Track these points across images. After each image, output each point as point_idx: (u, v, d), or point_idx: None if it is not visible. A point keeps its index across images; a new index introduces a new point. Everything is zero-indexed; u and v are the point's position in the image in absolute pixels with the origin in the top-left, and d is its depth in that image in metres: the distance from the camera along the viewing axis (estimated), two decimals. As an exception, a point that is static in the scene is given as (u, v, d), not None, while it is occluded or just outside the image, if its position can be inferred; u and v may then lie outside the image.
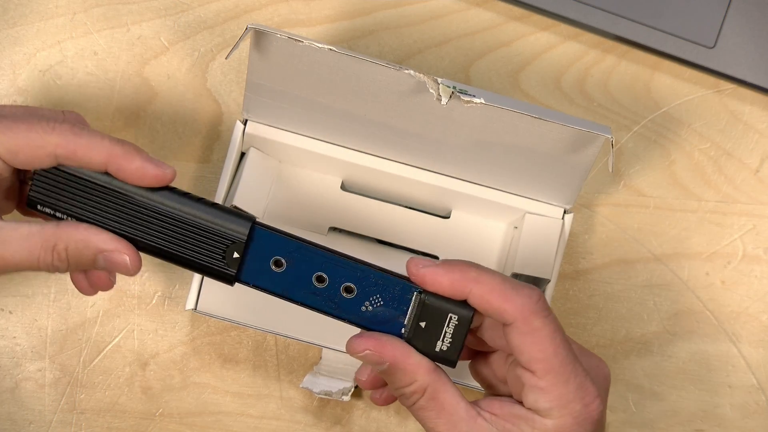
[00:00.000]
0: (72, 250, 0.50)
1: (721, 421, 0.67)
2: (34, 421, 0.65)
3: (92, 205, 0.51)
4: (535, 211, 0.63)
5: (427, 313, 0.51)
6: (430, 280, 0.50)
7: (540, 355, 0.50)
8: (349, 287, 0.51)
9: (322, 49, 0.55)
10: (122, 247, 0.51)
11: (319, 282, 0.51)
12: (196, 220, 0.51)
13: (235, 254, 0.51)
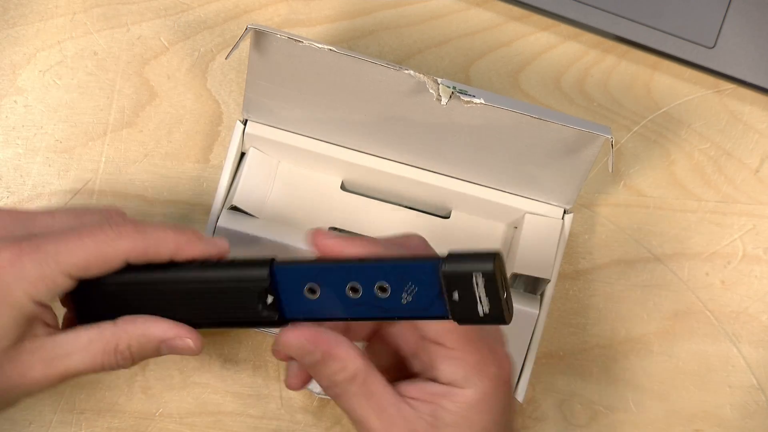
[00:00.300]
0: (135, 346, 0.51)
1: (721, 421, 0.67)
2: (34, 421, 0.65)
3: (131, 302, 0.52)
4: (535, 211, 0.63)
5: (454, 283, 0.48)
6: (338, 251, 0.51)
7: (448, 325, 0.49)
8: (382, 286, 0.50)
9: (322, 49, 0.55)
10: (183, 332, 0.52)
11: (354, 293, 0.50)
12: (221, 284, 0.51)
13: (269, 299, 0.51)
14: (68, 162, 0.66)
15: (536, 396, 0.67)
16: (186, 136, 0.67)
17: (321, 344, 0.51)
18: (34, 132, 0.66)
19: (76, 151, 0.66)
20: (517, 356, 0.61)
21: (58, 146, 0.66)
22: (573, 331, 0.67)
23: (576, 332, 0.67)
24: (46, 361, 0.51)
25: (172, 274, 0.51)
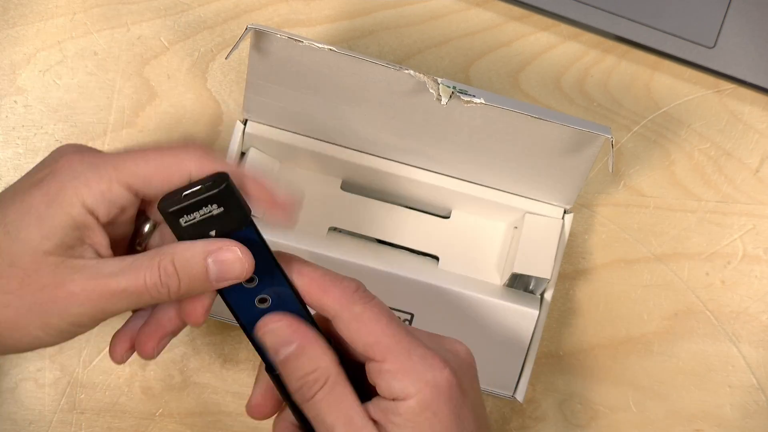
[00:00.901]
0: (179, 261, 0.48)
1: (721, 421, 0.67)
2: (34, 421, 0.65)
3: None
4: (535, 211, 0.63)
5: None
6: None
7: (371, 339, 0.49)
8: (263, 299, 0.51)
9: (322, 49, 0.55)
10: (229, 242, 0.49)
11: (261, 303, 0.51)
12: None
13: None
14: (68, 162, 0.66)
15: (536, 396, 0.67)
16: (186, 136, 0.67)
17: (299, 335, 0.49)
18: (34, 132, 0.66)
19: (76, 151, 0.66)
20: (517, 356, 0.62)
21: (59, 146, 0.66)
22: (573, 331, 0.67)
23: (576, 332, 0.67)
24: (87, 277, 0.47)
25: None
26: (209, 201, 0.48)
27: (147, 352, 0.52)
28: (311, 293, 0.50)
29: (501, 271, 0.64)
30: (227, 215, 0.49)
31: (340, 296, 0.49)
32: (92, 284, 0.47)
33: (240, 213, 0.49)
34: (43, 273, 0.47)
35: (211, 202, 0.48)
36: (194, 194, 0.48)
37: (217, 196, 0.48)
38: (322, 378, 0.49)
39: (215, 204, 0.48)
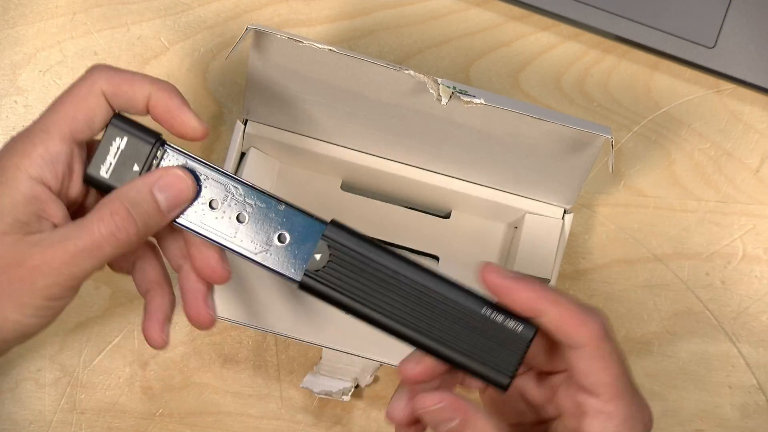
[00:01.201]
0: (127, 202, 0.48)
1: (721, 421, 0.67)
2: (34, 421, 0.65)
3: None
4: (535, 211, 0.63)
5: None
6: (506, 293, 0.48)
7: (608, 380, 0.48)
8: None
9: (322, 49, 0.55)
10: (165, 169, 0.49)
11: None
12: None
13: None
14: (68, 162, 0.66)
15: (536, 396, 0.67)
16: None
17: (460, 411, 0.48)
18: (34, 132, 0.66)
19: (76, 151, 0.66)
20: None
21: (58, 146, 0.66)
22: (573, 331, 0.67)
23: (576, 332, 0.67)
24: (45, 248, 0.47)
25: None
26: (110, 139, 0.49)
27: (157, 342, 0.52)
28: (564, 324, 0.48)
29: (501, 271, 0.64)
30: (134, 141, 0.49)
31: (594, 330, 0.48)
32: (50, 253, 0.47)
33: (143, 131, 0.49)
34: (2, 254, 0.47)
35: (111, 140, 0.49)
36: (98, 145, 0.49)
37: (111, 130, 0.49)
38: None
39: (117, 138, 0.49)
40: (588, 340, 0.48)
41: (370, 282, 0.49)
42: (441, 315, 0.48)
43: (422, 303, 0.48)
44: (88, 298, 0.65)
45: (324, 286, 0.49)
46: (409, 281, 0.49)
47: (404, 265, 0.49)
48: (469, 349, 0.48)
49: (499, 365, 0.48)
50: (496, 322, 0.48)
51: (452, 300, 0.49)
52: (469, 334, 0.48)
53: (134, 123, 0.50)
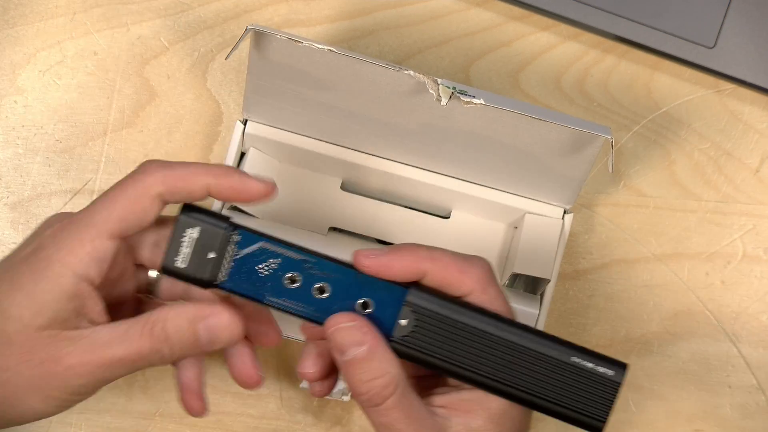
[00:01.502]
0: (171, 328, 0.49)
1: (721, 421, 0.67)
2: (34, 421, 0.65)
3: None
4: (535, 211, 0.63)
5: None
6: (384, 269, 0.49)
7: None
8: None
9: (322, 49, 0.55)
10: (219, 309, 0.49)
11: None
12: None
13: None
14: (68, 162, 0.66)
15: (536, 396, 0.67)
16: (186, 136, 0.67)
17: (370, 337, 0.49)
18: (34, 132, 0.66)
19: (76, 151, 0.66)
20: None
21: (58, 146, 0.66)
22: (573, 331, 0.67)
23: (576, 332, 0.67)
24: (83, 350, 0.48)
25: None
26: (181, 230, 0.49)
27: (199, 411, 0.53)
28: (447, 276, 0.49)
29: (501, 271, 0.64)
30: (207, 229, 0.49)
31: (478, 276, 0.50)
32: (89, 357, 0.48)
33: (213, 217, 0.50)
34: (39, 349, 0.48)
35: (183, 231, 0.49)
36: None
37: (182, 221, 0.49)
38: (392, 383, 0.48)
39: (188, 229, 0.49)
40: (473, 286, 0.49)
41: (458, 341, 0.49)
42: (529, 366, 0.49)
43: (511, 356, 0.49)
44: (88, 298, 0.65)
45: (413, 350, 0.50)
46: (495, 337, 0.49)
47: (489, 321, 0.49)
48: (562, 399, 0.49)
49: (591, 412, 0.49)
50: (585, 368, 0.49)
51: (540, 351, 0.49)
52: (560, 382, 0.49)
53: (203, 211, 0.50)
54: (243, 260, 0.50)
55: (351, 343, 0.48)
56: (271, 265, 0.50)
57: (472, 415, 0.49)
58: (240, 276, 0.50)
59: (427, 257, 0.49)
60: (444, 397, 0.50)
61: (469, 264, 0.50)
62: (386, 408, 0.48)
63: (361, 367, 0.48)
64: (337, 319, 0.49)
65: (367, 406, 0.49)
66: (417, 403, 0.49)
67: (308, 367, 0.52)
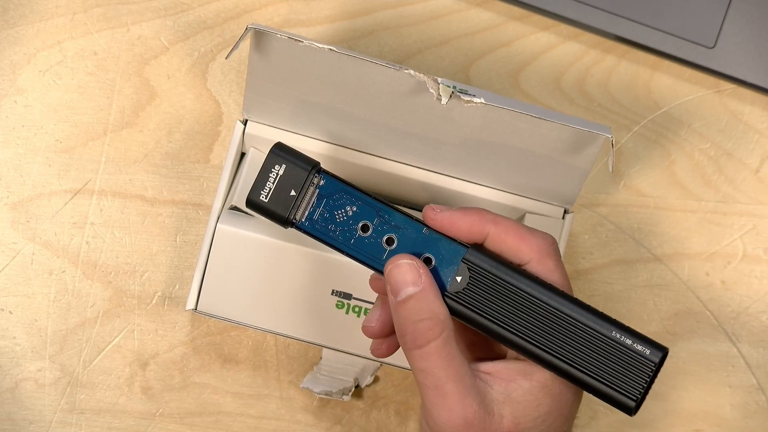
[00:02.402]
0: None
1: (721, 421, 0.67)
2: (34, 421, 0.65)
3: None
4: (536, 210, 0.63)
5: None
6: (448, 224, 0.51)
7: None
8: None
9: (322, 49, 0.55)
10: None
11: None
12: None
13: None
14: (68, 162, 0.66)
15: (536, 396, 0.67)
16: (186, 136, 0.67)
17: (426, 276, 0.50)
18: (34, 132, 0.66)
19: (76, 151, 0.66)
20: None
21: (58, 146, 0.66)
22: (573, 331, 0.67)
23: (576, 332, 0.67)
24: None
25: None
26: (269, 166, 0.52)
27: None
28: (508, 240, 0.51)
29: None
30: (292, 168, 0.52)
31: (537, 246, 0.51)
32: None
33: (301, 159, 0.52)
34: None
35: (271, 167, 0.52)
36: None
37: (271, 158, 0.52)
38: (437, 328, 0.50)
39: (276, 165, 0.52)
40: (532, 255, 0.51)
41: (507, 304, 0.51)
42: (572, 337, 0.50)
43: (555, 325, 0.50)
44: (87, 298, 0.65)
45: (463, 307, 0.51)
46: (543, 304, 0.50)
47: (539, 288, 0.51)
48: (598, 372, 0.50)
49: (625, 389, 0.50)
50: (625, 344, 0.50)
51: (583, 323, 0.50)
52: (599, 356, 0.50)
53: (293, 151, 0.53)
54: (322, 203, 0.52)
55: (406, 282, 0.50)
56: (347, 212, 0.52)
57: (513, 384, 0.50)
58: (317, 219, 0.52)
59: (491, 220, 0.51)
60: (489, 364, 0.51)
61: (531, 234, 0.51)
62: (428, 351, 0.49)
63: (411, 307, 0.50)
64: (398, 257, 0.51)
65: (410, 347, 0.50)
66: (460, 358, 0.50)
67: (371, 321, 0.54)
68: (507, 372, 0.51)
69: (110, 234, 0.66)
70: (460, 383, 0.49)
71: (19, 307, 0.65)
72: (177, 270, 0.66)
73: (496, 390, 0.50)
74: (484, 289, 0.51)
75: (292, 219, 0.52)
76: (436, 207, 0.52)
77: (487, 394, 0.50)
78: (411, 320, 0.50)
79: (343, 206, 0.52)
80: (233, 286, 0.61)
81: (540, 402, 0.50)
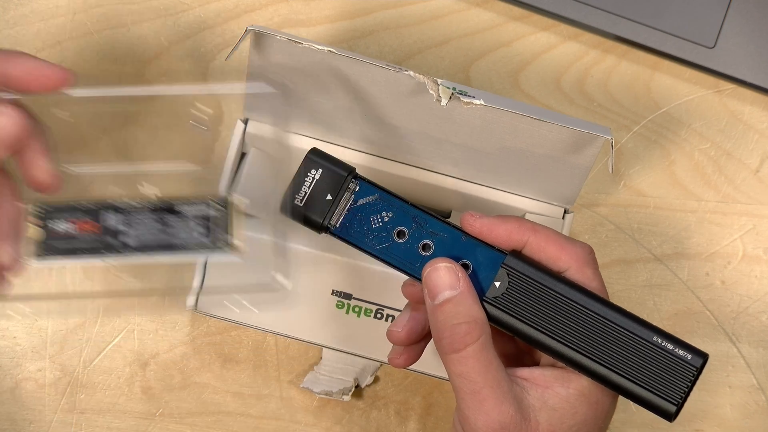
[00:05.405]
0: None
1: (721, 421, 0.67)
2: (34, 421, 0.65)
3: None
4: (536, 211, 0.63)
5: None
6: (487, 231, 0.51)
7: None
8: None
9: (322, 50, 0.55)
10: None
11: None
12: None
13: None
14: (68, 162, 0.66)
15: (536, 396, 0.67)
16: (186, 136, 0.67)
17: (465, 280, 0.50)
18: (34, 132, 0.66)
19: (76, 151, 0.66)
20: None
21: (58, 146, 0.66)
22: (573, 331, 0.67)
23: (576, 332, 0.67)
24: None
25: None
26: (306, 170, 0.52)
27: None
28: (547, 249, 0.51)
29: (501, 271, 0.64)
30: (329, 173, 0.52)
31: (576, 255, 0.51)
32: None
33: (337, 164, 0.52)
34: None
35: (308, 171, 0.52)
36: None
37: (307, 162, 0.52)
38: (476, 332, 0.49)
39: (312, 170, 0.52)
40: (570, 263, 0.51)
41: (547, 309, 0.51)
42: (612, 342, 0.50)
43: (595, 330, 0.50)
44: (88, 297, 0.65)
45: (502, 312, 0.51)
46: (583, 309, 0.50)
47: (579, 294, 0.50)
48: (639, 377, 0.50)
49: (666, 393, 0.50)
50: (666, 349, 0.50)
51: (624, 328, 0.50)
52: (639, 361, 0.50)
53: (329, 157, 0.53)
54: (358, 209, 0.52)
55: (445, 285, 0.50)
56: (383, 218, 0.52)
57: (550, 391, 0.50)
58: (352, 224, 0.52)
59: (530, 228, 0.51)
60: (526, 370, 0.51)
61: (570, 243, 0.51)
62: (465, 355, 0.49)
63: (449, 310, 0.50)
64: (436, 260, 0.51)
65: (447, 351, 0.50)
66: (497, 363, 0.50)
67: (398, 326, 0.54)
68: (544, 378, 0.50)
69: (110, 234, 0.66)
70: (497, 388, 0.49)
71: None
72: (177, 269, 0.66)
73: (532, 396, 0.50)
74: (523, 294, 0.51)
75: (327, 224, 0.52)
76: (475, 214, 0.52)
77: (523, 400, 0.50)
78: (449, 324, 0.50)
79: (378, 212, 0.52)
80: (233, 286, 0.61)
81: (576, 410, 0.50)
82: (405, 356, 0.54)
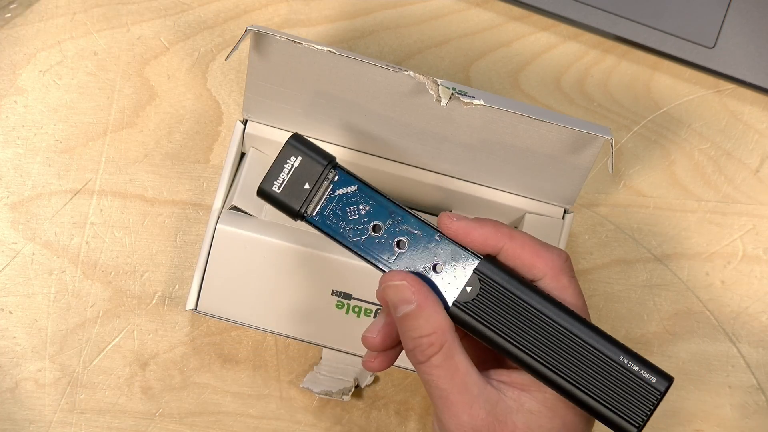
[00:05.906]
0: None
1: (721, 421, 0.67)
2: (34, 421, 0.65)
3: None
4: (536, 211, 0.63)
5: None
6: (463, 233, 0.51)
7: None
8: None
9: (322, 51, 0.55)
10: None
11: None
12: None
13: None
14: (68, 162, 0.66)
15: (536, 396, 0.67)
16: (186, 136, 0.67)
17: (420, 295, 0.50)
18: (34, 132, 0.66)
19: (76, 151, 0.66)
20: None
21: (58, 146, 0.66)
22: (573, 331, 0.67)
23: (576, 332, 0.67)
24: None
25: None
26: (285, 157, 0.51)
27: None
28: (523, 256, 0.51)
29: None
30: (308, 161, 0.51)
31: (551, 262, 0.51)
32: None
33: (317, 153, 0.51)
34: None
35: (286, 158, 0.51)
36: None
37: (287, 149, 0.51)
38: (438, 342, 0.50)
39: (292, 157, 0.51)
40: (546, 271, 0.51)
41: (515, 318, 0.50)
42: (578, 358, 0.50)
43: (562, 344, 0.50)
44: (87, 298, 0.65)
45: (470, 317, 0.51)
46: (552, 322, 0.50)
47: (549, 306, 0.50)
48: (602, 395, 0.49)
49: (628, 415, 0.49)
50: (631, 370, 0.49)
51: (591, 345, 0.50)
52: (604, 380, 0.49)
53: (310, 144, 0.52)
54: (335, 199, 0.52)
55: (400, 300, 0.50)
56: (360, 210, 0.52)
57: (527, 394, 0.50)
58: (329, 214, 0.52)
59: (506, 234, 0.51)
60: (505, 372, 0.51)
61: (546, 250, 0.51)
62: (430, 365, 0.50)
63: (409, 324, 0.50)
64: (389, 276, 0.51)
65: (414, 362, 0.50)
66: (465, 367, 0.50)
67: (373, 332, 0.53)
68: (522, 381, 0.50)
69: (110, 234, 0.66)
70: (465, 393, 0.49)
71: (19, 307, 0.65)
72: (177, 270, 0.66)
73: (509, 398, 0.50)
74: (493, 302, 0.50)
75: (303, 212, 0.52)
76: (452, 215, 0.52)
77: (499, 402, 0.50)
78: (411, 336, 0.50)
79: (356, 204, 0.52)
80: (233, 286, 0.61)
81: (555, 414, 0.50)
82: (379, 359, 0.54)
